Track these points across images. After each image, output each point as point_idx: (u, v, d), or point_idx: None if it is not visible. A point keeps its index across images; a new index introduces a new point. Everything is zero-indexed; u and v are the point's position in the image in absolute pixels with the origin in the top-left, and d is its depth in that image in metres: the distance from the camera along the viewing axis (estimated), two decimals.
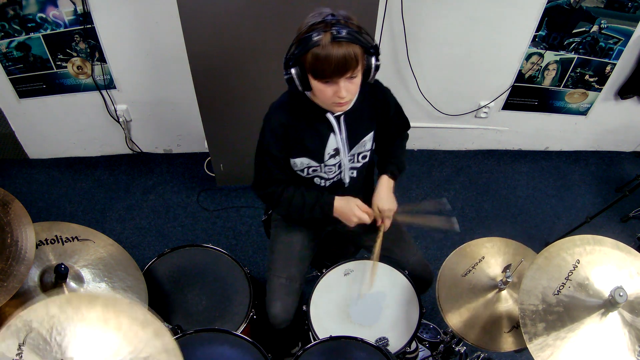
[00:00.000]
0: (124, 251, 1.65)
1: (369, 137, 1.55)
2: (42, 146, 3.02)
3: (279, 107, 1.49)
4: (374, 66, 1.34)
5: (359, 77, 1.33)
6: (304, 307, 1.64)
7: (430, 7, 2.45)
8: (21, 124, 2.87)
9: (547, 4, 2.44)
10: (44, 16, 2.37)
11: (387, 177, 1.66)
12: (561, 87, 2.86)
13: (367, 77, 1.36)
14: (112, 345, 1.06)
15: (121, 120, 2.85)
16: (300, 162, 1.53)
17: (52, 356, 1.01)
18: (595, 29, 2.55)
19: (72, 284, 1.47)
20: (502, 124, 3.10)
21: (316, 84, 1.32)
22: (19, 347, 0.98)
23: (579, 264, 1.33)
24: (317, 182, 1.60)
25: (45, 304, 1.04)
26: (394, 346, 1.55)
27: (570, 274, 1.32)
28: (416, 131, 1.99)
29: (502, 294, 1.53)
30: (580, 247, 1.36)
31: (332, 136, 1.49)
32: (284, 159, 1.52)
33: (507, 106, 2.97)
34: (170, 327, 1.57)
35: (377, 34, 2.45)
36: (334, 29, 1.23)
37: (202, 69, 2.23)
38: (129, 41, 2.51)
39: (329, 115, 1.45)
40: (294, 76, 1.32)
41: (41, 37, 2.44)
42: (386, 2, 2.37)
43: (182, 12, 2.02)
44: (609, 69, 2.75)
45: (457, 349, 1.76)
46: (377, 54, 1.32)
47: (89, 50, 2.52)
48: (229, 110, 2.44)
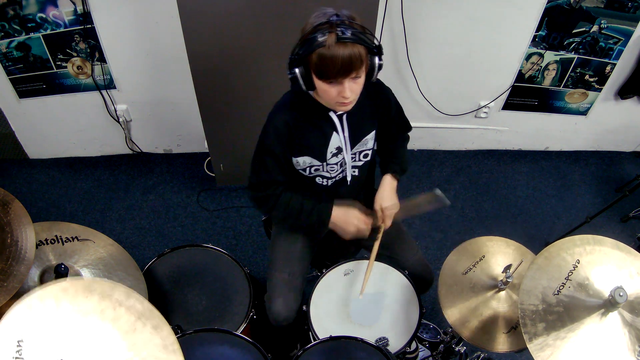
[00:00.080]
0: (124, 251, 1.65)
1: (370, 135, 1.56)
2: (42, 146, 3.02)
3: (283, 106, 1.50)
4: (377, 65, 1.34)
5: (363, 77, 1.34)
6: (304, 307, 1.64)
7: (430, 7, 2.45)
8: (21, 124, 2.87)
9: (547, 4, 2.44)
10: (44, 16, 2.37)
11: (390, 176, 1.67)
12: (561, 87, 2.86)
13: (369, 77, 1.37)
14: (110, 340, 1.06)
15: (121, 120, 2.85)
16: (302, 161, 1.53)
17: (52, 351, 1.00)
18: (595, 29, 2.55)
19: None
20: (502, 124, 3.10)
21: (320, 84, 1.32)
22: (18, 343, 0.97)
23: (579, 264, 1.33)
24: (319, 181, 1.60)
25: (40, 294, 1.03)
26: (394, 346, 1.55)
27: (570, 274, 1.32)
28: (416, 131, 1.99)
29: (502, 294, 1.54)
30: (580, 247, 1.36)
31: (334, 135, 1.50)
32: (285, 158, 1.52)
33: (507, 106, 2.97)
34: (170, 327, 1.57)
35: (377, 34, 2.45)
36: (339, 29, 1.23)
37: (202, 69, 2.23)
38: (129, 41, 2.51)
39: (331, 113, 1.46)
40: (298, 76, 1.32)
41: (41, 37, 2.44)
42: (386, 2, 2.37)
43: (182, 12, 2.02)
44: (609, 69, 2.75)
45: (457, 349, 1.76)
46: (381, 54, 1.33)
47: (89, 50, 2.52)
48: (229, 110, 2.44)
